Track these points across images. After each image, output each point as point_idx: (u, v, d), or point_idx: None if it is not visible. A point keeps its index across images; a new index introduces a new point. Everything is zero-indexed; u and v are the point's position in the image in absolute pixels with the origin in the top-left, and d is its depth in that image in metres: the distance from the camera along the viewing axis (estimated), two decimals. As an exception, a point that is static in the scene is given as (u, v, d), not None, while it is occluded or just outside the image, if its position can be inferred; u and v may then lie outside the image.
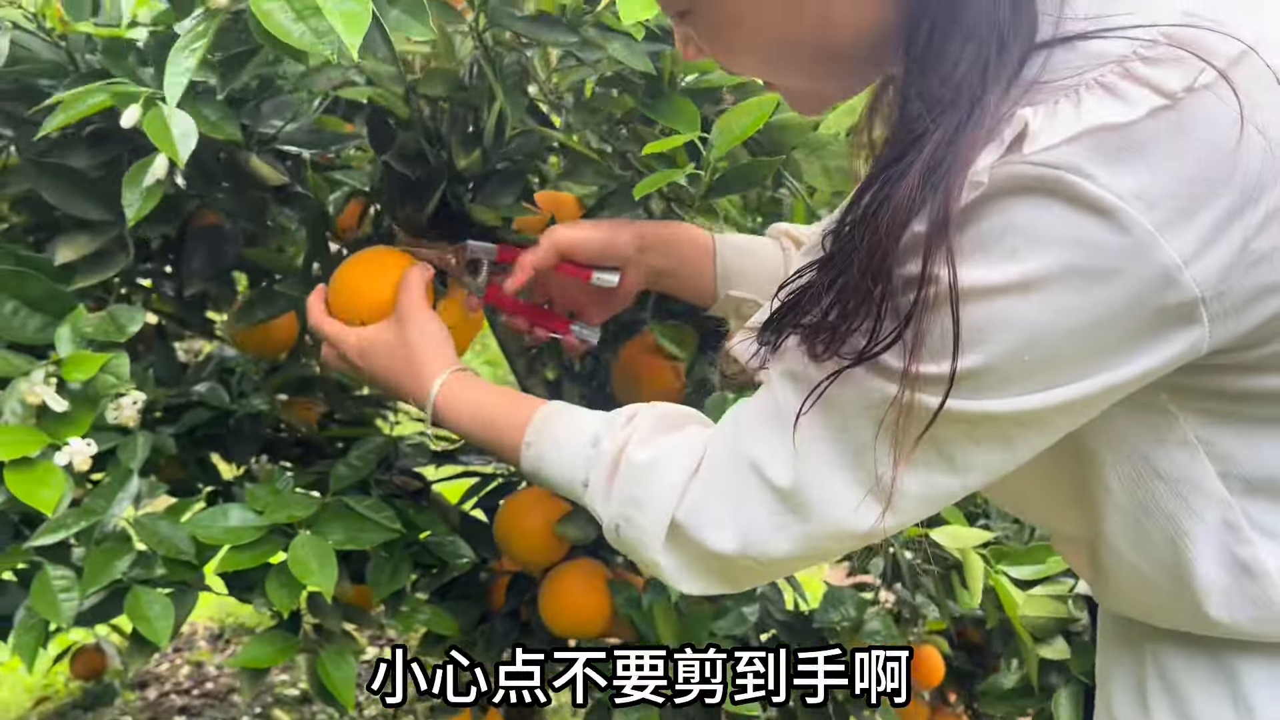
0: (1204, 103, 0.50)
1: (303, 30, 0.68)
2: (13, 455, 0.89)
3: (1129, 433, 0.62)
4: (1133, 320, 0.53)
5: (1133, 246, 0.51)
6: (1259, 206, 0.51)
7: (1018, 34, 0.53)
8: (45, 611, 0.99)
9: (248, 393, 1.38)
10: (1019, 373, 0.55)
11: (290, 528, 1.06)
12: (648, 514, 0.71)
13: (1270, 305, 0.54)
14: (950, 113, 0.53)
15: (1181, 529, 0.62)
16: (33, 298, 0.94)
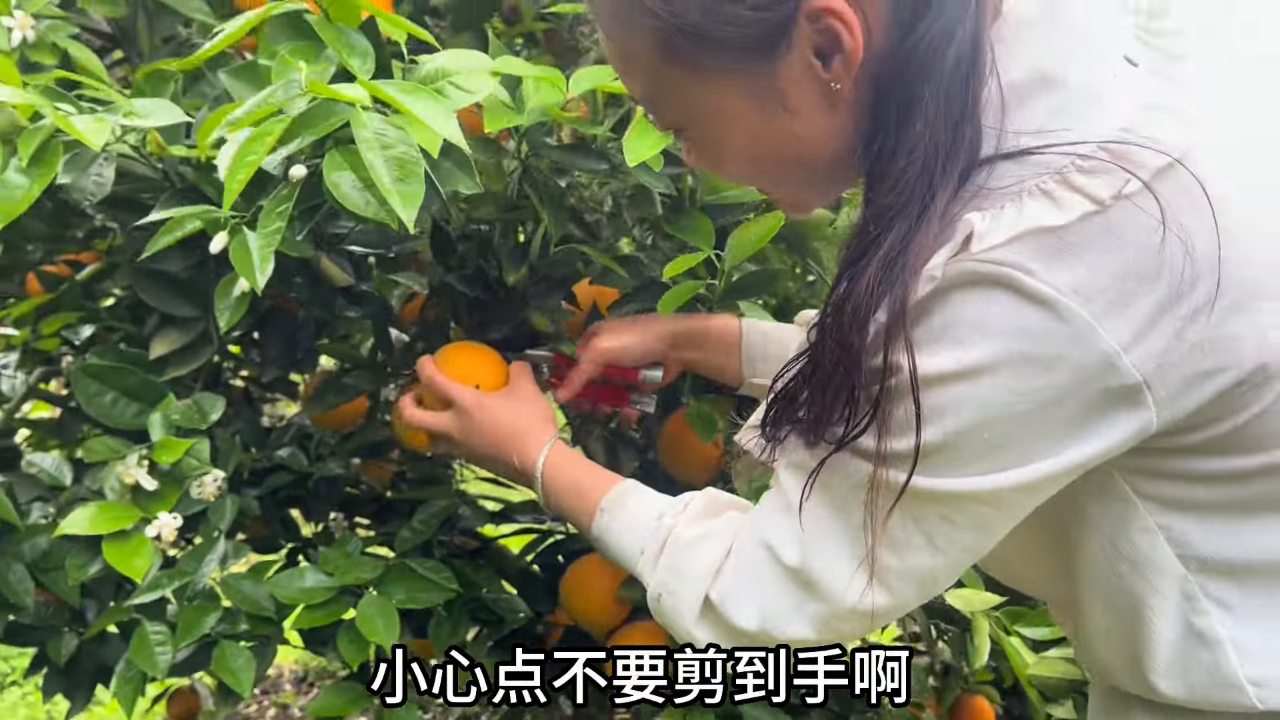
0: (1130, 209, 0.57)
1: (367, 200, 0.79)
2: (110, 529, 1.01)
3: (1096, 519, 0.68)
4: (1080, 402, 0.59)
5: (1073, 335, 0.57)
6: (1187, 301, 0.57)
7: (958, 152, 0.60)
8: (143, 664, 1.10)
9: (325, 457, 1.50)
10: (979, 452, 0.62)
11: (359, 588, 1.16)
12: (686, 588, 0.78)
13: (1208, 389, 0.60)
14: (902, 218, 0.60)
15: (1145, 603, 0.68)
16: (130, 388, 1.07)
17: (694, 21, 0.64)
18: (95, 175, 0.95)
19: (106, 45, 1.41)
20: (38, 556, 1.20)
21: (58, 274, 1.48)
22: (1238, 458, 0.64)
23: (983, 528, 0.66)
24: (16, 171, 0.81)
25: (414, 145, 0.80)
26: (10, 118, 0.85)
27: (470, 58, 0.94)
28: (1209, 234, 0.58)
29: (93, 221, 1.43)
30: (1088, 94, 0.61)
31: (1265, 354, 0.60)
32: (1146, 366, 0.58)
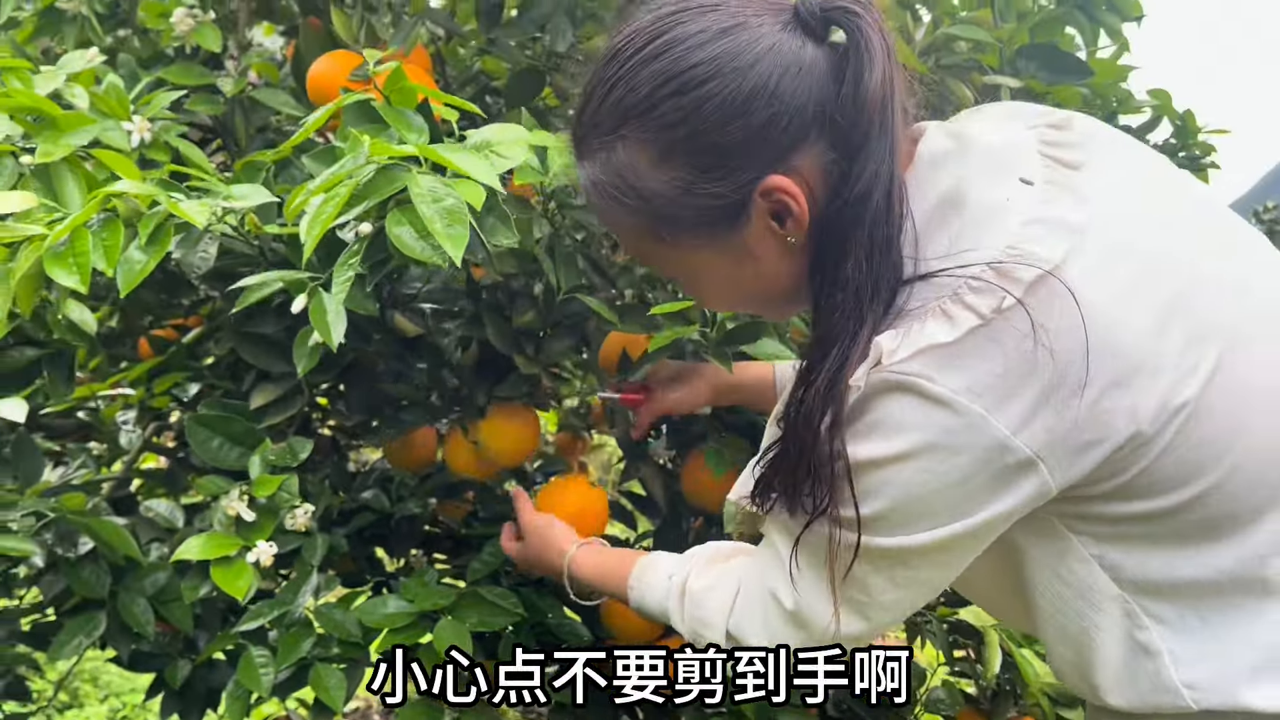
0: (1007, 321, 0.70)
1: (423, 245, 0.93)
2: (216, 554, 1.16)
3: (1039, 554, 0.81)
4: (986, 476, 0.73)
5: (970, 425, 0.71)
6: (1061, 389, 0.70)
7: (881, 283, 0.74)
8: (249, 683, 1.24)
9: (405, 498, 1.64)
10: (910, 518, 0.75)
11: (435, 614, 1.29)
12: (710, 629, 0.94)
13: (1092, 455, 0.72)
14: (840, 342, 0.74)
15: (1090, 621, 0.80)
16: (233, 434, 1.23)
17: (668, 213, 0.79)
18: (202, 252, 1.11)
19: (207, 137, 1.59)
20: (157, 591, 1.36)
21: (166, 338, 1.65)
22: (1144, 501, 0.75)
23: (935, 567, 0.80)
24: (136, 249, 0.97)
25: (460, 199, 0.94)
26: (133, 206, 1.01)
27: (508, 130, 1.09)
28: (1076, 332, 0.70)
29: (196, 292, 1.61)
30: (986, 214, 0.74)
31: (1137, 423, 0.72)
32: (1035, 443, 0.71)
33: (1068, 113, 0.84)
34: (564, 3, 1.33)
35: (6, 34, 1.51)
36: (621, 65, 0.77)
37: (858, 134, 0.73)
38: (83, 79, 1.19)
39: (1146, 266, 0.75)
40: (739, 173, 0.76)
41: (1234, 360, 0.75)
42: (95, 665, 2.83)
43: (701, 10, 0.76)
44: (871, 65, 0.73)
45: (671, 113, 0.75)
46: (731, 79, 0.73)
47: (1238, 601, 0.77)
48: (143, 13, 1.44)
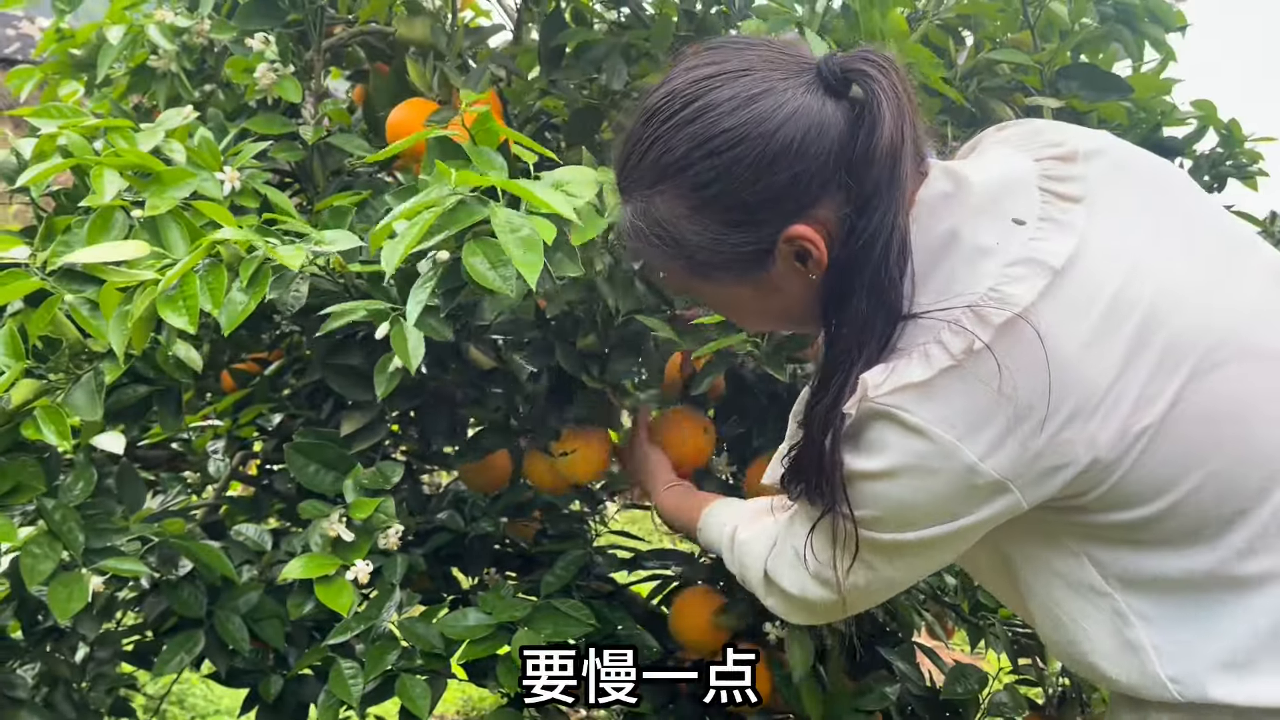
0: (976, 362, 0.78)
1: (495, 275, 1.01)
2: (317, 574, 1.24)
3: (1031, 548, 0.88)
4: (960, 494, 0.81)
5: (942, 452, 0.79)
6: (1026, 422, 0.78)
7: (878, 323, 0.82)
8: (340, 693, 1.32)
9: (478, 517, 1.71)
10: (896, 523, 0.85)
11: (513, 625, 1.36)
12: (751, 573, 1.05)
13: (1057, 478, 0.80)
14: (841, 373, 0.83)
15: (1081, 613, 0.87)
16: (327, 460, 1.31)
17: (702, 258, 0.88)
18: (294, 291, 1.20)
19: (287, 181, 1.69)
20: (250, 610, 1.44)
21: (247, 371, 1.75)
22: (1122, 512, 0.82)
23: (924, 557, 0.90)
24: (238, 291, 1.06)
25: (536, 231, 1.02)
26: (234, 251, 1.10)
27: (578, 172, 1.17)
28: (1039, 371, 0.78)
29: (277, 327, 1.71)
30: (976, 256, 0.82)
31: (1096, 450, 0.79)
32: (1002, 468, 0.80)
33: (1077, 141, 0.90)
34: (618, 44, 1.40)
35: (102, 91, 1.62)
36: (661, 125, 0.85)
37: (867, 186, 0.81)
38: (178, 134, 1.29)
39: (1124, 297, 0.81)
40: (765, 225, 0.85)
41: (1204, 384, 0.81)
42: (182, 688, 2.94)
43: (733, 76, 0.84)
44: (881, 124, 0.80)
45: (705, 173, 0.84)
46: (758, 143, 0.82)
47: (1215, 597, 0.83)
48: (228, 68, 1.54)
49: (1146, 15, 1.54)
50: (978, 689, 1.34)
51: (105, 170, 1.13)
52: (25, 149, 1.26)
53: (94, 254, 1.04)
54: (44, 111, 1.29)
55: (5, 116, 3.89)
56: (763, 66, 0.84)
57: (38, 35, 4.66)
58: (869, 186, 0.81)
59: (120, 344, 1.03)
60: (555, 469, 1.46)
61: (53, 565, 1.17)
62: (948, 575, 1.38)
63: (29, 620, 1.46)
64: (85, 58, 1.66)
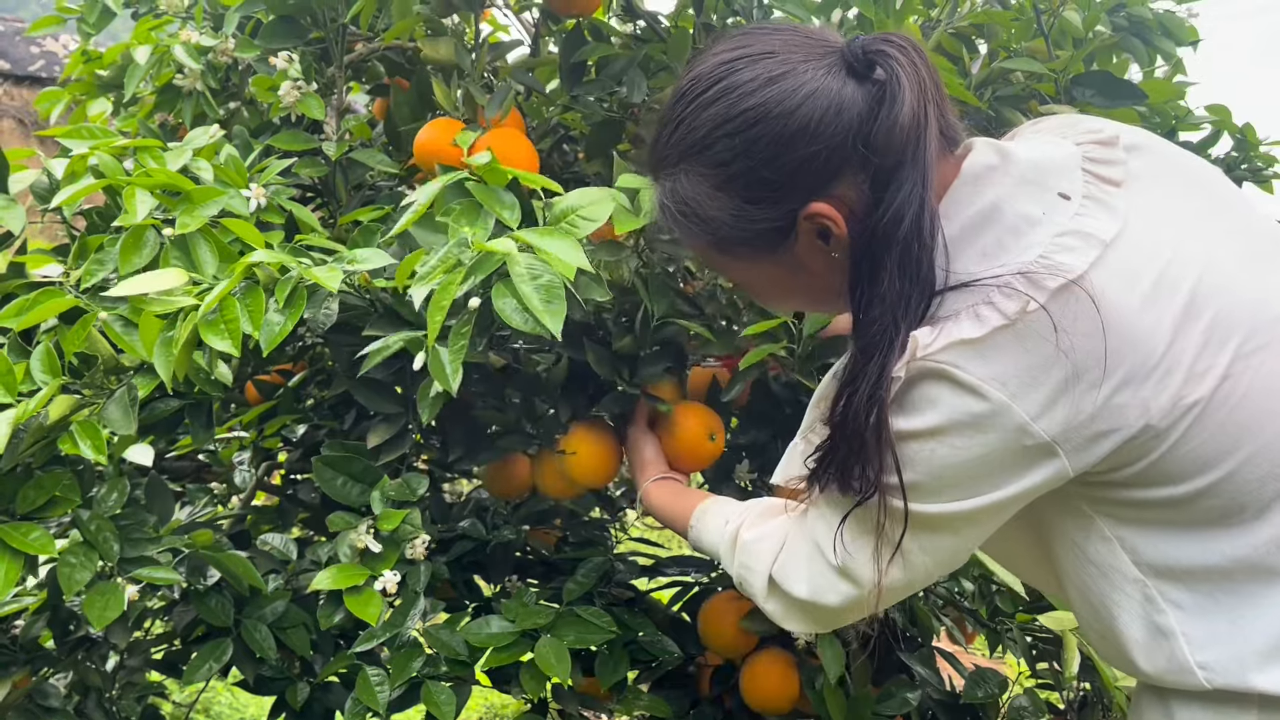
0: (1030, 322, 0.78)
1: (525, 318, 1.03)
2: (347, 584, 1.26)
3: (1067, 531, 0.89)
4: (1008, 455, 0.81)
5: (994, 410, 0.79)
6: (1079, 384, 0.78)
7: (915, 297, 0.82)
8: (367, 700, 1.34)
9: (499, 525, 1.73)
10: (943, 486, 0.84)
11: (535, 632, 1.38)
12: (755, 575, 1.02)
13: (1105, 444, 0.80)
14: (879, 352, 0.82)
15: (1112, 600, 0.88)
16: (355, 472, 1.33)
17: (725, 234, 0.90)
18: (325, 309, 1.23)
19: (310, 196, 1.72)
20: (277, 618, 1.47)
21: (271, 382, 1.77)
22: (1159, 489, 0.82)
23: (962, 534, 0.88)
24: (275, 312, 1.09)
25: (555, 275, 1.04)
26: (268, 272, 1.13)
27: (590, 194, 1.18)
28: (1095, 335, 0.78)
29: (301, 340, 1.73)
30: (1023, 225, 0.83)
31: (1149, 417, 0.79)
32: (1053, 430, 0.79)
33: (1117, 129, 0.91)
34: (637, 58, 1.42)
35: (129, 110, 1.65)
36: (686, 106, 0.89)
37: (888, 164, 0.82)
38: (206, 153, 1.32)
39: (1170, 274, 0.82)
40: (785, 202, 0.87)
41: (1250, 363, 0.81)
42: (208, 696, 2.98)
43: (756, 58, 0.86)
44: (901, 102, 0.82)
45: (725, 151, 0.87)
46: (777, 122, 0.84)
47: (1249, 587, 0.83)
48: (253, 86, 1.57)
49: (1159, 28, 1.56)
50: (998, 693, 1.35)
51: (137, 190, 1.16)
52: (57, 169, 1.29)
53: (134, 286, 1.07)
54: (75, 132, 1.32)
55: (34, 136, 3.95)
56: (785, 50, 0.86)
57: (61, 52, 4.72)
58: (891, 162, 0.82)
59: (166, 372, 1.05)
60: (561, 471, 1.45)
61: (89, 575, 1.20)
62: (965, 580, 1.39)
63: (61, 630, 1.49)
64: (111, 78, 1.70)
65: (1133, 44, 1.56)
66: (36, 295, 1.12)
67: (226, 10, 1.55)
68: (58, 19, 1.68)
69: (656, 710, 1.47)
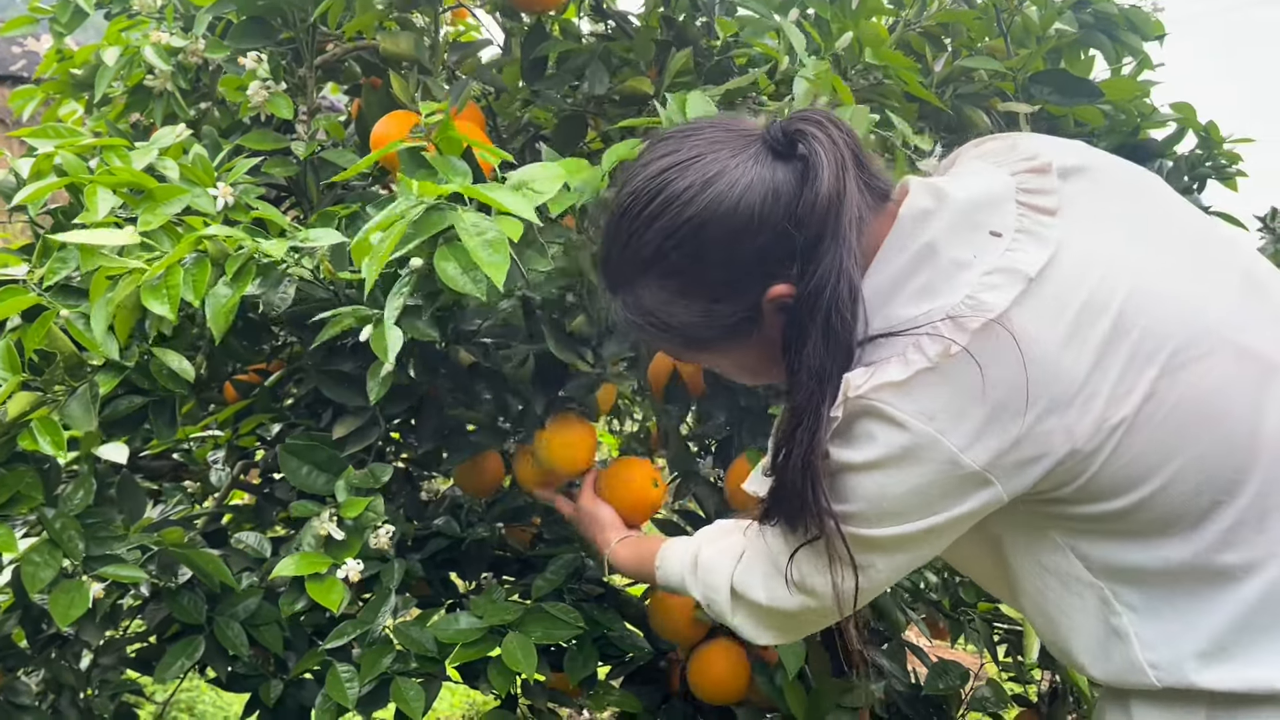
0: (953, 363, 0.82)
1: (465, 279, 1.04)
2: (309, 571, 1.27)
3: (1022, 541, 0.91)
4: (942, 485, 0.84)
5: (924, 444, 0.83)
6: (1003, 417, 0.82)
7: (835, 366, 0.86)
8: (337, 696, 1.35)
9: (474, 523, 1.74)
10: (883, 513, 0.87)
11: (504, 628, 1.39)
12: (717, 591, 1.05)
13: (1035, 470, 0.84)
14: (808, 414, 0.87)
15: (1069, 605, 0.90)
16: (320, 461, 1.34)
17: (695, 335, 0.94)
18: (281, 292, 1.24)
19: (281, 196, 1.72)
20: (249, 615, 1.47)
21: (248, 381, 1.78)
22: (1099, 504, 0.85)
23: (909, 553, 0.92)
24: (223, 285, 1.10)
25: (501, 232, 1.06)
26: (221, 248, 1.14)
27: (542, 169, 1.20)
28: (1017, 369, 0.81)
29: (276, 338, 1.74)
30: (954, 269, 0.86)
31: (1074, 441, 0.83)
32: (982, 460, 0.83)
33: (1052, 153, 0.93)
34: (598, 50, 1.43)
35: (101, 110, 1.66)
36: (632, 223, 0.93)
37: (811, 238, 0.87)
38: (172, 152, 1.33)
39: (1098, 296, 0.84)
40: (746, 294, 0.91)
41: (1177, 379, 0.84)
42: (191, 695, 2.98)
43: (687, 165, 0.90)
44: (820, 179, 0.86)
45: (679, 260, 0.91)
46: (722, 222, 0.88)
47: (1194, 589, 0.86)
48: (222, 87, 1.57)
49: (1125, 24, 1.57)
50: (959, 684, 1.36)
51: (99, 188, 1.16)
52: (23, 168, 1.29)
53: (87, 236, 1.08)
54: (41, 131, 1.33)
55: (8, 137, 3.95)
56: (711, 149, 0.90)
57: (42, 52, 4.72)
58: (814, 236, 0.86)
59: (101, 327, 1.06)
60: (540, 463, 1.46)
61: (53, 573, 1.21)
62: (929, 573, 1.40)
63: (33, 628, 1.49)
64: (85, 78, 1.70)
65: (1099, 40, 1.56)
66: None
67: (198, 11, 1.56)
68: (30, 19, 1.69)
69: (627, 705, 1.48)
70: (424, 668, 1.39)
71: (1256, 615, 0.85)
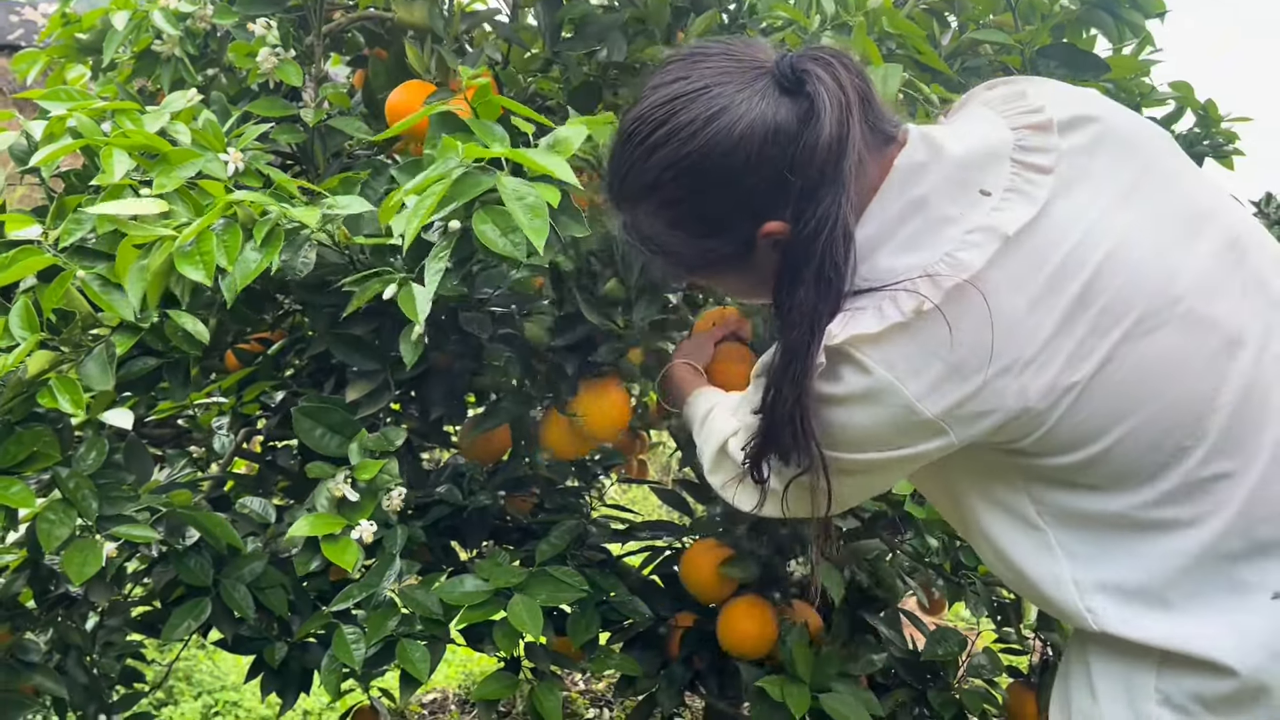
0: (923, 320, 0.86)
1: (505, 241, 1.06)
2: (323, 532, 1.29)
3: (981, 481, 0.96)
4: (898, 427, 0.89)
5: (884, 388, 0.87)
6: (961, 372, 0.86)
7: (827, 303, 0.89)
8: (343, 657, 1.37)
9: (476, 491, 1.75)
10: (846, 442, 0.92)
11: (509, 591, 1.41)
12: (709, 446, 1.13)
13: (986, 422, 0.88)
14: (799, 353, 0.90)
15: (1017, 545, 0.95)
16: (333, 424, 1.36)
17: (687, 261, 0.97)
18: (303, 257, 1.25)
19: (287, 163, 1.73)
20: (255, 579, 1.49)
21: (250, 350, 1.79)
22: (1054, 457, 0.89)
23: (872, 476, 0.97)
24: (251, 250, 1.11)
25: (540, 197, 1.08)
26: (248, 213, 1.15)
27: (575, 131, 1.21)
28: (984, 329, 0.85)
29: (280, 306, 1.75)
30: (939, 223, 0.89)
31: (1027, 400, 0.86)
32: (936, 410, 0.87)
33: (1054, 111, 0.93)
34: (617, 20, 1.44)
35: (107, 75, 1.66)
36: (635, 149, 0.94)
37: (810, 182, 0.88)
38: (183, 116, 1.33)
39: (1074, 257, 0.87)
40: (737, 229, 0.93)
41: (1137, 345, 0.87)
42: (189, 664, 3.00)
43: (693, 97, 0.91)
44: (821, 122, 0.87)
45: (675, 191, 0.93)
46: (721, 160, 0.90)
47: (1135, 538, 0.90)
48: (231, 53, 1.58)
49: (1127, 1, 1.58)
50: (958, 651, 1.39)
51: (115, 150, 1.17)
52: (36, 131, 1.30)
53: (113, 207, 1.08)
54: (53, 94, 1.33)
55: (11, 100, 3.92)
56: (719, 81, 0.91)
57: (40, 21, 4.67)
58: (813, 180, 0.88)
59: (136, 296, 1.08)
60: (575, 429, 1.47)
61: (68, 531, 1.22)
62: (930, 537, 1.43)
63: (41, 588, 1.51)
64: (90, 42, 1.70)
65: (1101, 18, 1.58)
66: (15, 254, 1.13)
67: (205, -24, 1.56)
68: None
69: (627, 669, 1.51)
70: (428, 630, 1.41)
71: (1195, 568, 0.89)
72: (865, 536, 1.56)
